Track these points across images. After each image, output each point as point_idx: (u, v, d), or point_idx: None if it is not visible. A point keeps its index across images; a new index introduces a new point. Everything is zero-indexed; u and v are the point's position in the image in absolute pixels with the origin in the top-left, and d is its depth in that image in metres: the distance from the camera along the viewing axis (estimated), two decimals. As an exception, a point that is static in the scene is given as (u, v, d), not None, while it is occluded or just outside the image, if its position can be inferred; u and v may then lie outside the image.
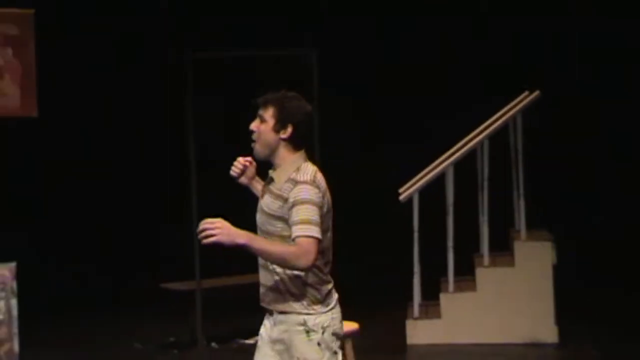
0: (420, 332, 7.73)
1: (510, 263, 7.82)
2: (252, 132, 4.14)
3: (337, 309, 4.15)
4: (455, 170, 7.81)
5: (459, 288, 7.81)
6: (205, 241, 3.87)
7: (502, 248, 8.11)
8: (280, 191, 4.05)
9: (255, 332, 4.09)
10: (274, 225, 4.06)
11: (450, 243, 7.78)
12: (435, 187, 7.84)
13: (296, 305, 4.06)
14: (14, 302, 5.85)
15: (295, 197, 4.00)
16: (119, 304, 9.07)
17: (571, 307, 7.95)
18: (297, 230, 3.96)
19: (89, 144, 10.17)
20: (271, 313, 4.14)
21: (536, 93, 8.10)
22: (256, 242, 3.94)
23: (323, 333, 4.07)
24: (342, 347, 4.68)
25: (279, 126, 4.08)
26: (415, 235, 7.73)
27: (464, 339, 7.69)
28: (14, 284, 5.84)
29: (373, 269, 9.54)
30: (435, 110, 9.95)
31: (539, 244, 7.79)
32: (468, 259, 7.99)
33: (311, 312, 4.06)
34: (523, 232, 7.94)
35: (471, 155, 7.99)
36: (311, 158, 4.16)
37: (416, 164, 8.02)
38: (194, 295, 7.54)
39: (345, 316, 6.25)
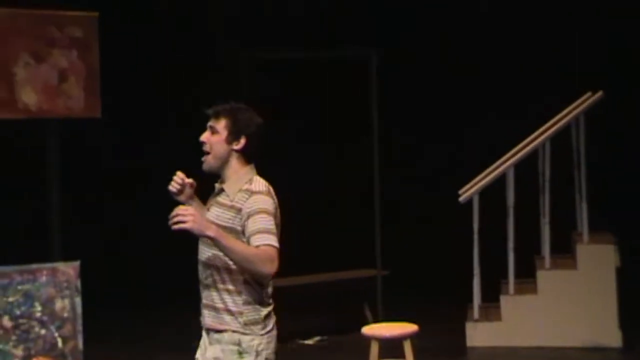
0: (480, 334, 7.69)
1: (572, 266, 7.75)
2: (202, 143, 4.08)
3: (274, 334, 4.04)
4: (516, 171, 7.76)
5: (519, 290, 7.75)
6: (175, 227, 3.83)
7: (564, 250, 8.04)
8: (233, 202, 3.99)
9: (315, 333, 4.08)
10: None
11: (510, 245, 7.73)
12: (495, 188, 7.80)
13: (233, 324, 3.97)
14: (78, 300, 5.91)
15: (252, 207, 3.94)
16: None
17: (636, 311, 7.85)
18: (258, 240, 3.89)
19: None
20: (207, 332, 4.05)
21: (599, 94, 8.01)
22: (225, 238, 3.86)
23: (257, 357, 3.95)
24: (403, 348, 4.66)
25: (232, 138, 4.03)
26: (475, 236, 7.69)
27: (524, 342, 7.64)
28: (78, 283, 5.90)
29: (433, 270, 9.50)
30: (493, 110, 9.90)
31: (602, 247, 7.71)
32: (529, 261, 7.93)
33: (247, 332, 3.97)
34: (585, 234, 7.86)
35: (533, 157, 7.93)
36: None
37: (474, 164, 7.98)
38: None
39: (405, 317, 6.25)
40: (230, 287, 3.97)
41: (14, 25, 6.23)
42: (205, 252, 4.07)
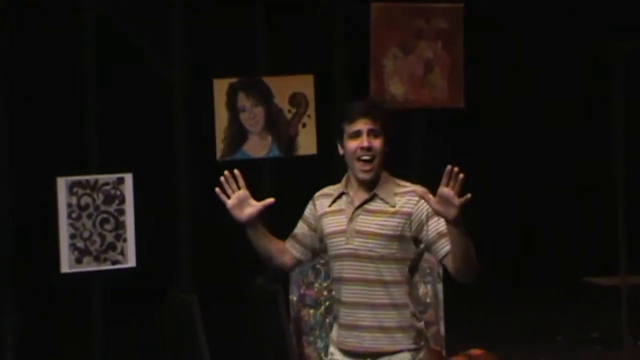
0: None
1: None
2: (368, 149, 3.69)
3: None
4: None
5: None
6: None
7: None
8: (396, 207, 3.67)
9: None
10: (389, 248, 3.66)
11: None
12: None
13: (405, 342, 3.66)
14: (439, 286, 6.02)
15: (424, 208, 3.62)
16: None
17: None
18: (447, 243, 3.56)
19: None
20: (368, 357, 3.68)
21: None
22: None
23: None
24: None
25: (387, 140, 3.72)
26: None
27: None
28: (440, 269, 6.00)
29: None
30: None
31: None
32: None
33: (419, 346, 3.69)
34: None
35: None
36: None
37: None
38: (620, 291, 7.34)
39: None
40: (399, 301, 3.68)
41: (387, 19, 6.43)
42: (359, 267, 3.69)
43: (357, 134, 3.70)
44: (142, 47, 6.65)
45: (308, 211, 3.90)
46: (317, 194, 3.89)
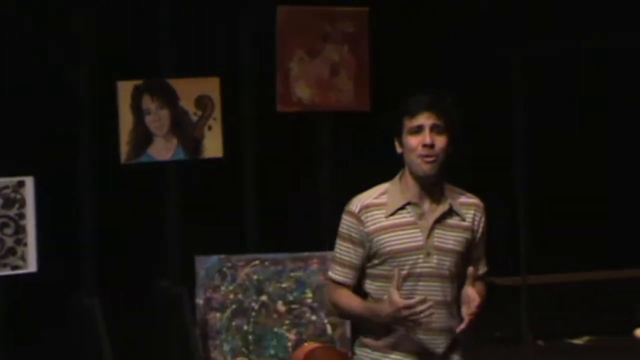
0: None
1: None
2: (430, 146, 3.31)
3: None
4: None
5: None
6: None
7: None
8: (465, 220, 3.39)
9: (586, 332, 3.94)
10: (458, 267, 3.38)
11: None
12: None
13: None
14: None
15: (483, 225, 3.43)
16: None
17: None
18: (485, 266, 3.48)
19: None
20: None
21: None
22: None
23: None
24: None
25: (452, 139, 3.35)
26: None
27: None
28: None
29: None
30: None
31: None
32: None
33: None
34: None
35: None
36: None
37: None
38: (520, 290, 7.48)
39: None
40: (455, 322, 3.43)
41: (293, 22, 6.44)
42: (436, 288, 3.38)
43: (418, 130, 3.31)
44: (46, 48, 6.56)
45: (350, 228, 3.38)
46: (357, 206, 3.38)
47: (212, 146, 6.26)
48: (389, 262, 3.34)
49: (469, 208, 3.41)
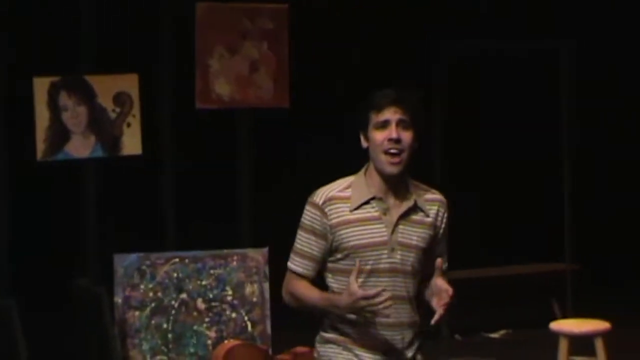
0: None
1: None
2: (396, 141, 3.26)
3: None
4: None
5: None
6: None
7: None
8: (429, 217, 3.36)
9: (501, 326, 4.00)
10: (421, 263, 3.38)
11: None
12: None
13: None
14: (266, 285, 6.05)
15: (445, 222, 3.41)
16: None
17: None
18: (446, 262, 3.41)
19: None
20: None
21: None
22: None
23: None
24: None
25: (417, 134, 3.30)
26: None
27: None
28: (266, 269, 6.04)
29: (627, 268, 9.22)
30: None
31: None
32: None
33: None
34: None
35: None
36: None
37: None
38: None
39: (597, 314, 6.08)
40: (416, 318, 3.45)
41: (212, 18, 6.42)
42: (398, 283, 3.36)
43: (384, 124, 3.26)
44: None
45: (313, 220, 3.33)
46: (322, 198, 3.33)
47: (131, 143, 6.21)
48: (352, 257, 3.30)
49: (433, 204, 3.38)
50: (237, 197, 6.87)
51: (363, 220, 3.30)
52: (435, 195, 3.41)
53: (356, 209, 3.30)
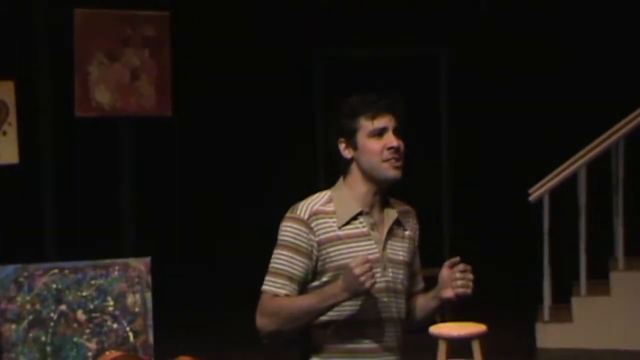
0: (550, 335, 7.61)
1: (647, 267, 7.64)
2: (395, 149, 3.07)
3: None
4: (588, 170, 7.65)
5: (591, 292, 7.65)
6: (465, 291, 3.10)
7: (637, 252, 7.92)
8: (407, 230, 3.18)
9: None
10: (408, 279, 3.19)
11: (582, 245, 7.63)
12: (567, 188, 7.70)
13: None
14: (148, 295, 5.98)
15: (418, 234, 3.25)
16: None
17: None
18: (421, 282, 3.28)
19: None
20: None
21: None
22: None
23: None
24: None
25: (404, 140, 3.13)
26: (546, 237, 7.60)
27: (595, 344, 7.53)
28: (149, 278, 5.97)
29: (502, 270, 9.42)
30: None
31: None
32: (601, 263, 7.82)
33: None
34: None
35: (606, 156, 7.81)
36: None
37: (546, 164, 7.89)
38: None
39: (474, 318, 6.20)
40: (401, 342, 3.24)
41: (92, 25, 6.33)
42: (390, 303, 3.15)
43: (381, 132, 3.05)
44: None
45: (297, 236, 3.04)
46: (306, 213, 3.05)
47: (7, 152, 6.07)
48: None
49: (407, 216, 3.18)
50: (118, 206, 6.79)
51: (353, 237, 3.06)
52: (406, 207, 3.21)
53: (345, 224, 3.06)
